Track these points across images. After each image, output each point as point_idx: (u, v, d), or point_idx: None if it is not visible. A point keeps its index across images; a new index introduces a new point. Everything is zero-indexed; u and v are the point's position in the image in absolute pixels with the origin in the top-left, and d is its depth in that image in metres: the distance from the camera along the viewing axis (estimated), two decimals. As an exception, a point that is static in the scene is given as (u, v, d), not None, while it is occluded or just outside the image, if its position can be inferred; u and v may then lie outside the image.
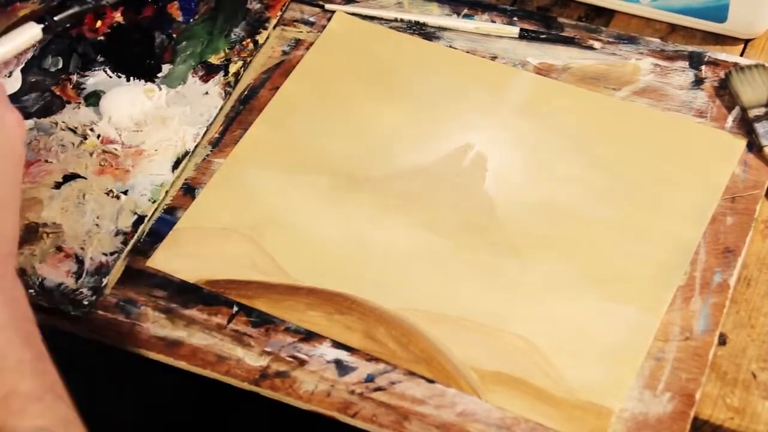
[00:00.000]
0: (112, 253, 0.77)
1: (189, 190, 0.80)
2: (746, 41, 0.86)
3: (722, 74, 0.83)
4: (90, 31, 0.90)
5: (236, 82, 0.86)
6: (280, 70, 0.87)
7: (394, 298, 0.73)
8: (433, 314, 0.72)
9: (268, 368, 0.71)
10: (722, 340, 0.70)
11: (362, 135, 0.82)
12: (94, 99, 0.86)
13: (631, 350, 0.69)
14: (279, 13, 0.91)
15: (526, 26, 0.88)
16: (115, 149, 0.83)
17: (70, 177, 0.81)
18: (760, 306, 0.72)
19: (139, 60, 0.88)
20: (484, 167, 0.80)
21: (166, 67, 0.88)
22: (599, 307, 0.71)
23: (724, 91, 0.82)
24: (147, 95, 0.85)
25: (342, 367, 0.70)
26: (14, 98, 0.86)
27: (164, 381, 0.74)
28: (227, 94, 0.86)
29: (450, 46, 0.88)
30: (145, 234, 0.78)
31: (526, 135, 0.81)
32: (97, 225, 0.78)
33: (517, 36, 0.87)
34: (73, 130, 0.84)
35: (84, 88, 0.87)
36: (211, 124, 0.84)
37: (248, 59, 0.88)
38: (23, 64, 0.88)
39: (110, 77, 0.87)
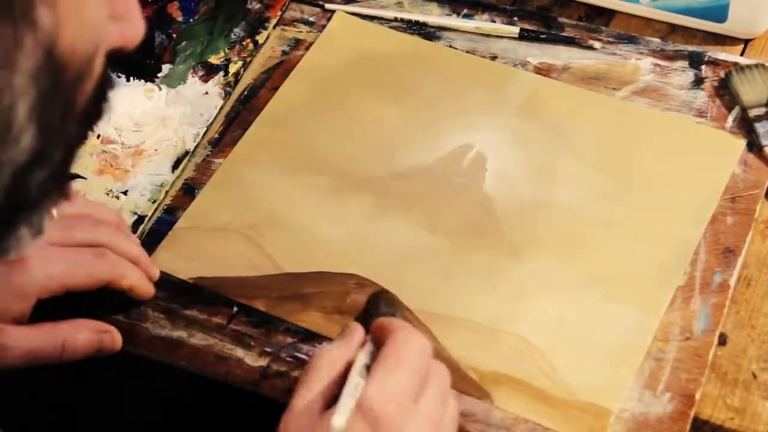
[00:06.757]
0: (112, 253, 0.77)
1: (189, 190, 0.80)
2: (746, 41, 0.86)
3: (722, 74, 0.83)
4: (90, 31, 0.90)
5: (236, 82, 0.86)
6: (280, 70, 0.87)
7: (393, 298, 0.73)
8: (432, 314, 0.72)
9: (268, 368, 0.71)
10: (722, 340, 0.70)
11: (362, 135, 0.82)
12: (94, 99, 0.86)
13: (630, 350, 0.69)
14: (279, 13, 0.91)
15: (527, 26, 0.88)
16: (115, 149, 0.83)
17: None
18: (761, 306, 0.72)
19: (139, 60, 0.88)
20: (484, 167, 0.80)
21: (166, 67, 0.88)
22: (599, 307, 0.71)
23: (725, 91, 0.82)
24: (147, 95, 0.85)
25: (342, 367, 0.70)
26: (14, 98, 0.86)
27: (164, 381, 0.74)
28: (227, 94, 0.86)
29: (450, 46, 0.87)
30: (145, 234, 0.78)
31: (526, 135, 0.81)
32: (97, 225, 0.78)
33: (517, 36, 0.87)
34: (73, 130, 0.84)
35: (84, 88, 0.86)
36: (211, 124, 0.84)
37: (248, 59, 0.88)
38: (23, 64, 0.88)
39: (110, 77, 0.87)
